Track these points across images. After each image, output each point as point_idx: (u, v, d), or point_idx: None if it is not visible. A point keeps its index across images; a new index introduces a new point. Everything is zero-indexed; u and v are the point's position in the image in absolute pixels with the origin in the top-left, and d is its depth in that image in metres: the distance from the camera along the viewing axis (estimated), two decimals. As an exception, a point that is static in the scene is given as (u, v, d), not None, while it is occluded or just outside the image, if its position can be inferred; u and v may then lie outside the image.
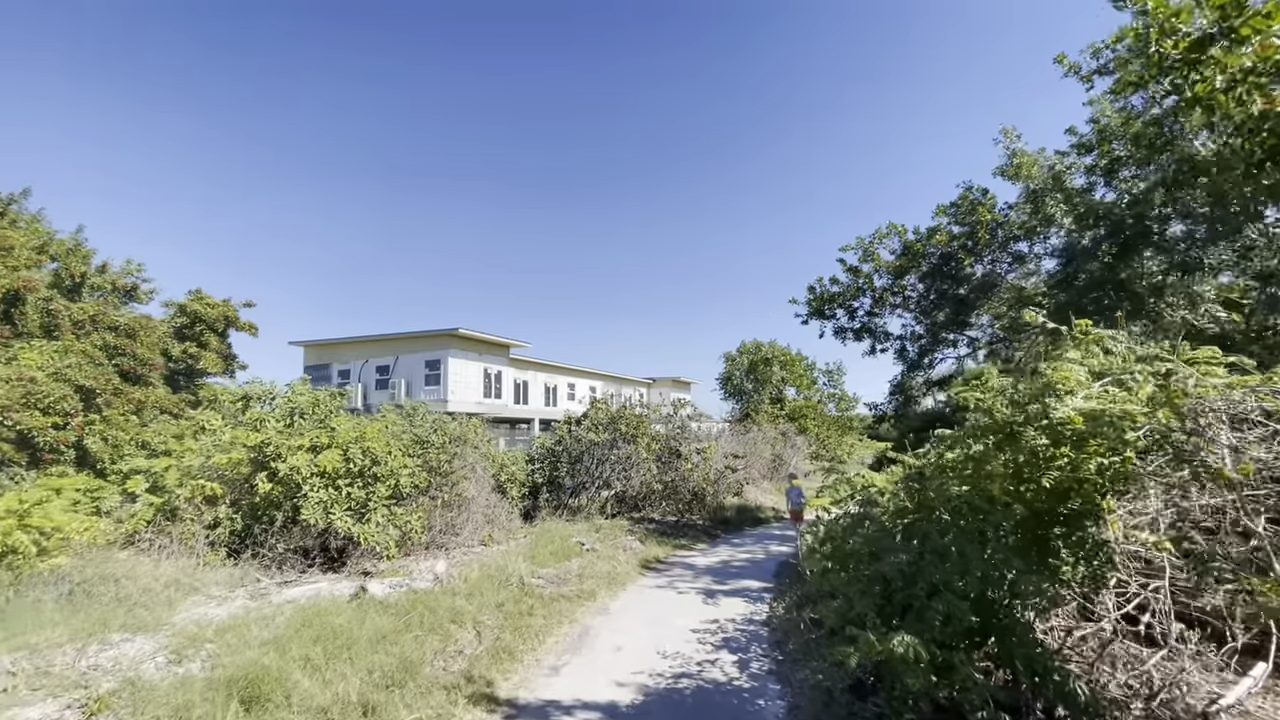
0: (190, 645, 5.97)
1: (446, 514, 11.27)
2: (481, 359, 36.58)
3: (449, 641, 6.77)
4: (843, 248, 14.33)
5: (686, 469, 17.28)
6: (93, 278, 17.17)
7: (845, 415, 39.43)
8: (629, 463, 16.54)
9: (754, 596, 9.32)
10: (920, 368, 14.40)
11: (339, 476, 9.67)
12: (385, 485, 9.91)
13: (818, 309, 14.83)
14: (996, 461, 4.77)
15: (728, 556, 12.99)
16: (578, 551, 11.72)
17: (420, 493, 11.15)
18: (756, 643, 7.08)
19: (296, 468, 9.19)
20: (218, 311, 19.81)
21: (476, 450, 12.95)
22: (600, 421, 16.36)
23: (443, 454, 11.29)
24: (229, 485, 10.10)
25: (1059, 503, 4.47)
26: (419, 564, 10.13)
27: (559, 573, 10.19)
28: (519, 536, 12.87)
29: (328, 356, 37.76)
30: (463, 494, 11.32)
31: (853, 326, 14.78)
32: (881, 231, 13.72)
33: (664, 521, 16.64)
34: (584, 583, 9.80)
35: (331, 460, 9.53)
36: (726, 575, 11.02)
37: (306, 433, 10.11)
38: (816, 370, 40.60)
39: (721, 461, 19.39)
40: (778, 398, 38.66)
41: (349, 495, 9.53)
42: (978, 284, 13.09)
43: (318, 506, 9.12)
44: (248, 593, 8.01)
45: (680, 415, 17.99)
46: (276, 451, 9.70)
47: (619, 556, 11.85)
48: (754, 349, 38.40)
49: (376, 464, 9.89)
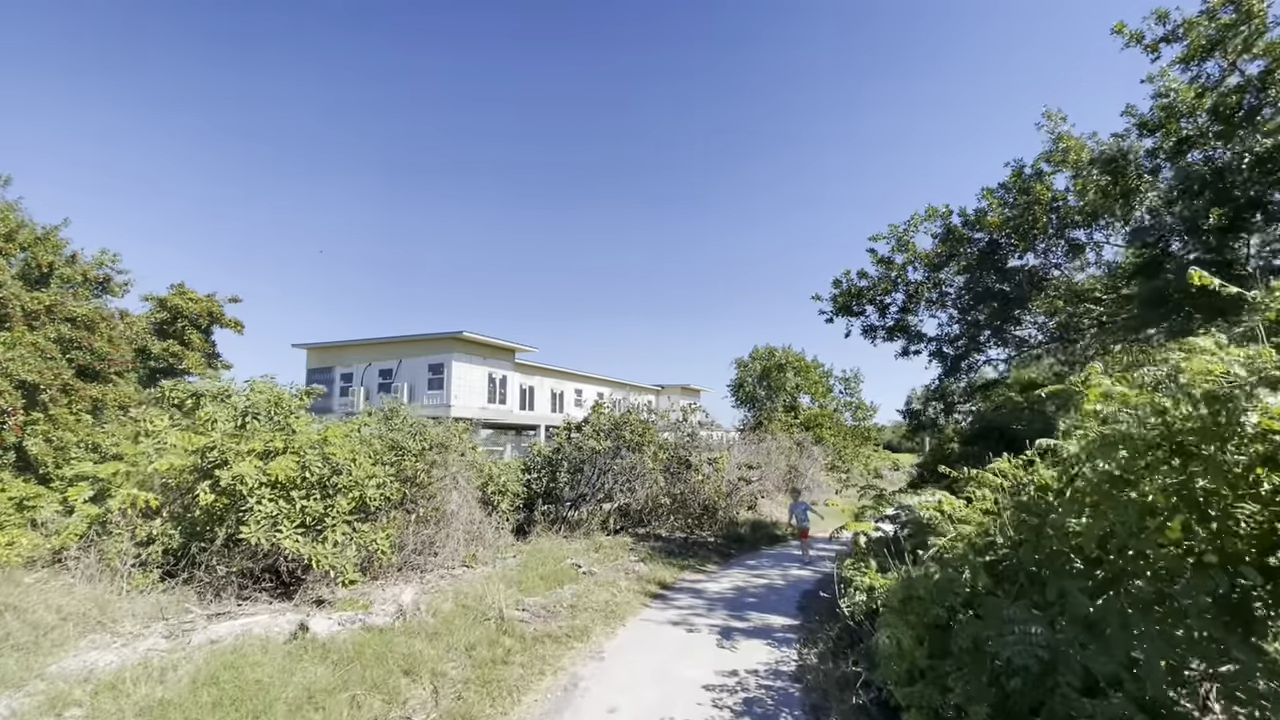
0: (47, 712, 4.58)
1: (422, 531, 9.87)
2: (486, 363, 35.74)
3: (395, 703, 5.33)
4: (873, 237, 12.87)
5: (697, 481, 15.79)
6: (62, 268, 16.01)
7: (863, 424, 37.70)
8: (634, 473, 15.08)
9: (779, 639, 7.80)
10: (960, 371, 12.84)
11: (293, 487, 8.28)
12: (348, 498, 8.52)
13: (844, 305, 13.31)
14: (1153, 486, 3.28)
15: (743, 582, 11.46)
16: (572, 575, 10.26)
17: (393, 506, 9.76)
18: (787, 708, 5.58)
19: (240, 476, 7.82)
20: (201, 306, 18.64)
21: (463, 458, 11.56)
22: (602, 428, 14.92)
23: (420, 462, 9.90)
24: (171, 495, 8.77)
25: (1266, 550, 2.97)
26: (385, 591, 8.72)
27: (548, 603, 8.74)
28: (508, 556, 11.44)
29: (331, 359, 37.11)
30: (441, 508, 9.91)
31: (884, 324, 13.21)
32: (918, 217, 12.21)
33: (671, 539, 15.15)
34: (576, 616, 8.33)
35: (285, 468, 8.16)
36: (743, 606, 9.51)
37: (260, 435, 8.76)
38: (833, 377, 38.95)
39: (735, 472, 17.88)
40: (792, 405, 37.03)
41: (303, 509, 8.15)
42: (1025, 277, 11.56)
43: (263, 522, 7.74)
44: (166, 629, 6.62)
45: (690, 422, 16.52)
46: (222, 457, 8.35)
47: (619, 582, 10.37)
48: (767, 354, 36.83)
49: (338, 473, 8.51)
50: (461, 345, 33.53)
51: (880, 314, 13.22)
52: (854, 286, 13.40)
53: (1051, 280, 11.94)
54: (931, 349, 13.48)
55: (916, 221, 12.13)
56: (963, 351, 12.65)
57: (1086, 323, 11.84)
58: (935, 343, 13.43)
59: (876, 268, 13.02)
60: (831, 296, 13.64)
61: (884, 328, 13.19)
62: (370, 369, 36.05)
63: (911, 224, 12.16)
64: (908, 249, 12.39)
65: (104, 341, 13.17)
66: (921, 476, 11.81)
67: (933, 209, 11.79)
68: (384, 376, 35.58)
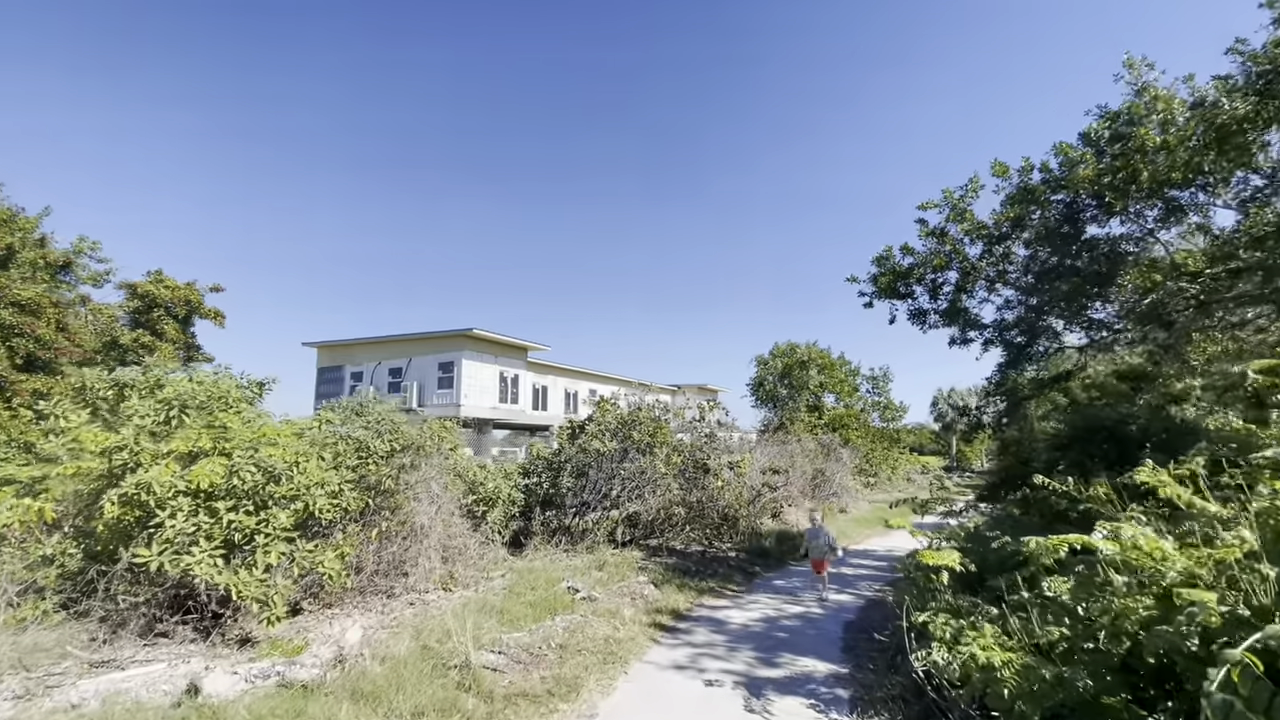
0: None
1: (388, 548, 8.26)
2: (497, 362, 34.78)
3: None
4: (922, 205, 10.94)
5: (716, 487, 14.02)
6: (25, 252, 14.74)
7: (892, 426, 35.52)
8: (644, 478, 13.36)
9: (825, 698, 6.03)
10: (1024, 360, 10.88)
11: (218, 496, 6.73)
12: (288, 511, 6.93)
13: (888, 286, 11.41)
14: None
15: (772, 610, 9.68)
16: (568, 602, 8.59)
17: (353, 519, 8.17)
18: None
19: (145, 484, 6.26)
20: (178, 295, 17.35)
21: (444, 462, 9.95)
22: (608, 427, 13.23)
23: (384, 467, 8.29)
24: (80, 506, 7.28)
25: None
26: (331, 625, 7.11)
27: (533, 641, 7.07)
28: (495, 575, 9.80)
29: (341, 358, 36.60)
30: (406, 521, 8.29)
31: (936, 307, 11.33)
32: (976, 181, 10.33)
33: (687, 552, 13.41)
34: (566, 661, 6.65)
35: (208, 473, 6.60)
36: (775, 645, 7.75)
37: (183, 434, 7.21)
38: (859, 376, 36.83)
39: (758, 478, 16.09)
40: (815, 405, 35.01)
41: (230, 525, 6.58)
42: (1110, 248, 9.65)
43: (175, 540, 6.18)
44: (22, 684, 5.06)
45: (709, 420, 14.76)
46: (134, 460, 6.82)
47: (624, 610, 8.66)
48: (788, 351, 34.85)
49: (275, 480, 6.92)
50: (472, 343, 32.58)
51: (931, 295, 11.35)
52: (898, 266, 11.53)
53: (1136, 252, 9.98)
54: (988, 335, 11.58)
55: (976, 185, 10.25)
56: (1028, 338, 10.75)
57: (1182, 302, 9.88)
58: (994, 328, 11.52)
59: (925, 242, 11.15)
60: (872, 277, 11.76)
61: (936, 311, 11.31)
62: (380, 368, 35.49)
63: (970, 188, 10.26)
64: (965, 218, 10.52)
65: (50, 329, 11.79)
66: (995, 488, 9.93)
67: (1000, 165, 9.85)
68: (393, 375, 35.04)
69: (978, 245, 10.86)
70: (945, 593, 5.20)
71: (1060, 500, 5.91)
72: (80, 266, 16.98)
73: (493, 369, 33.94)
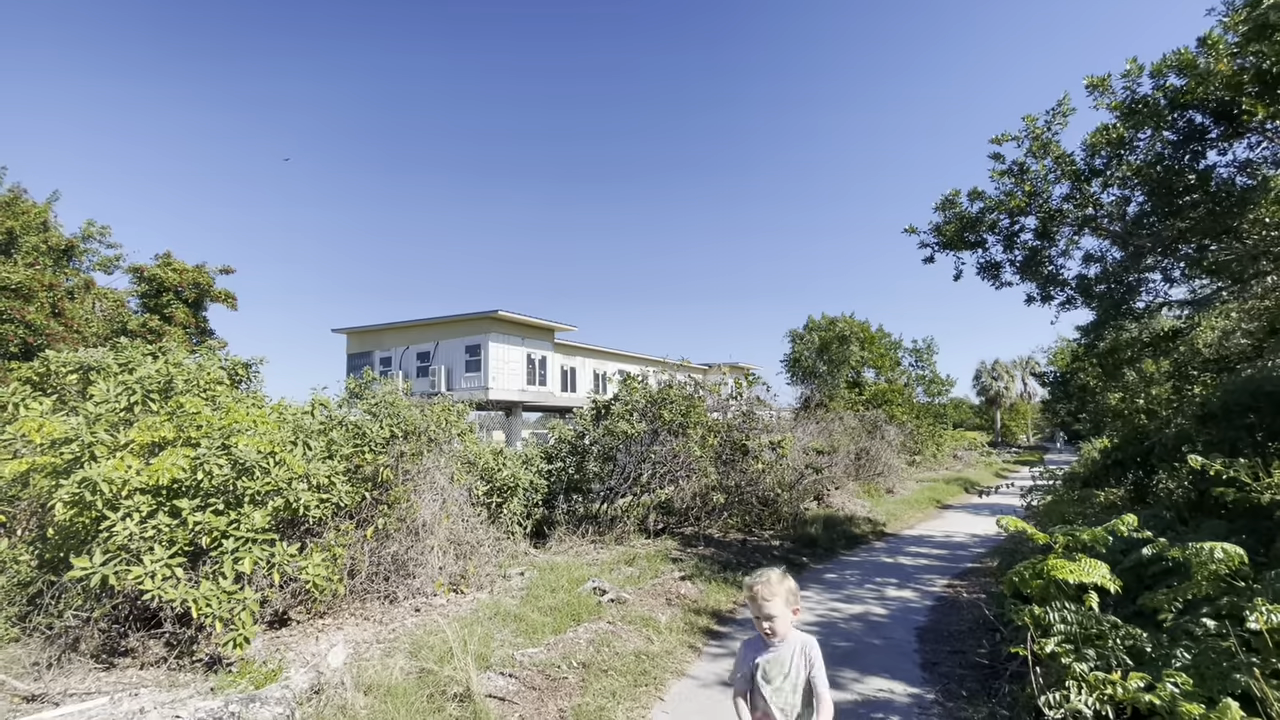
0: None
1: (387, 548, 7.27)
2: (524, 343, 34.48)
3: None
4: (997, 138, 9.21)
5: (756, 470, 12.78)
6: (28, 236, 14.16)
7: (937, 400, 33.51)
8: (676, 462, 12.19)
9: (911, 739, 4.79)
10: (1124, 317, 9.14)
11: (181, 494, 5.78)
12: (263, 510, 5.95)
13: (954, 236, 9.71)
14: None
15: (827, 610, 8.45)
16: (593, 606, 7.49)
17: (347, 515, 7.20)
18: None
19: (92, 482, 5.32)
20: (187, 278, 16.67)
21: (453, 448, 8.93)
22: (636, 406, 12.04)
23: (381, 457, 7.27)
24: (34, 508, 6.45)
25: None
26: (316, 641, 6.15)
27: (551, 658, 5.99)
28: (513, 574, 8.78)
29: (370, 343, 36.87)
30: (407, 517, 7.28)
31: (1012, 259, 9.63)
32: (1066, 103, 8.55)
33: (725, 541, 12.23)
34: (589, 685, 5.55)
35: (172, 467, 5.65)
36: (834, 657, 6.51)
37: (145, 422, 6.27)
38: (901, 349, 34.79)
39: (800, 458, 14.76)
40: (855, 381, 33.23)
41: (196, 526, 5.63)
42: (1236, 173, 7.92)
43: (127, 548, 5.25)
44: (-72, 729, 4.18)
45: (748, 396, 13.46)
46: (88, 452, 5.91)
47: (658, 615, 7.54)
48: (826, 325, 33.01)
49: (248, 474, 5.93)
50: (498, 325, 31.87)
51: (1006, 245, 9.69)
52: (965, 214, 9.90)
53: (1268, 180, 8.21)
54: (1071, 291, 9.90)
55: (1065, 108, 8.51)
56: (1126, 290, 9.06)
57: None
58: (1077, 283, 9.84)
59: (999, 183, 9.48)
60: (934, 226, 10.11)
61: (1013, 262, 9.66)
62: (408, 352, 35.65)
63: (1059, 111, 8.51)
64: (1049, 151, 8.84)
65: (42, 314, 11.10)
66: (1105, 469, 8.36)
67: (1095, 79, 8.06)
68: (421, 360, 35.25)
69: (1063, 184, 9.19)
70: (1087, 615, 3.86)
71: (1226, 489, 4.47)
72: (90, 252, 16.45)
73: (520, 351, 33.71)
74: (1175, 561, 4.39)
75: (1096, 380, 10.87)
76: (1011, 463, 40.52)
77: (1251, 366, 8.28)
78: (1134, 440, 7.88)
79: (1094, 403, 12.47)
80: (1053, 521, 6.78)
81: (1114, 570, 4.39)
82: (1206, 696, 2.88)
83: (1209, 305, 9.56)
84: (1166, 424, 7.79)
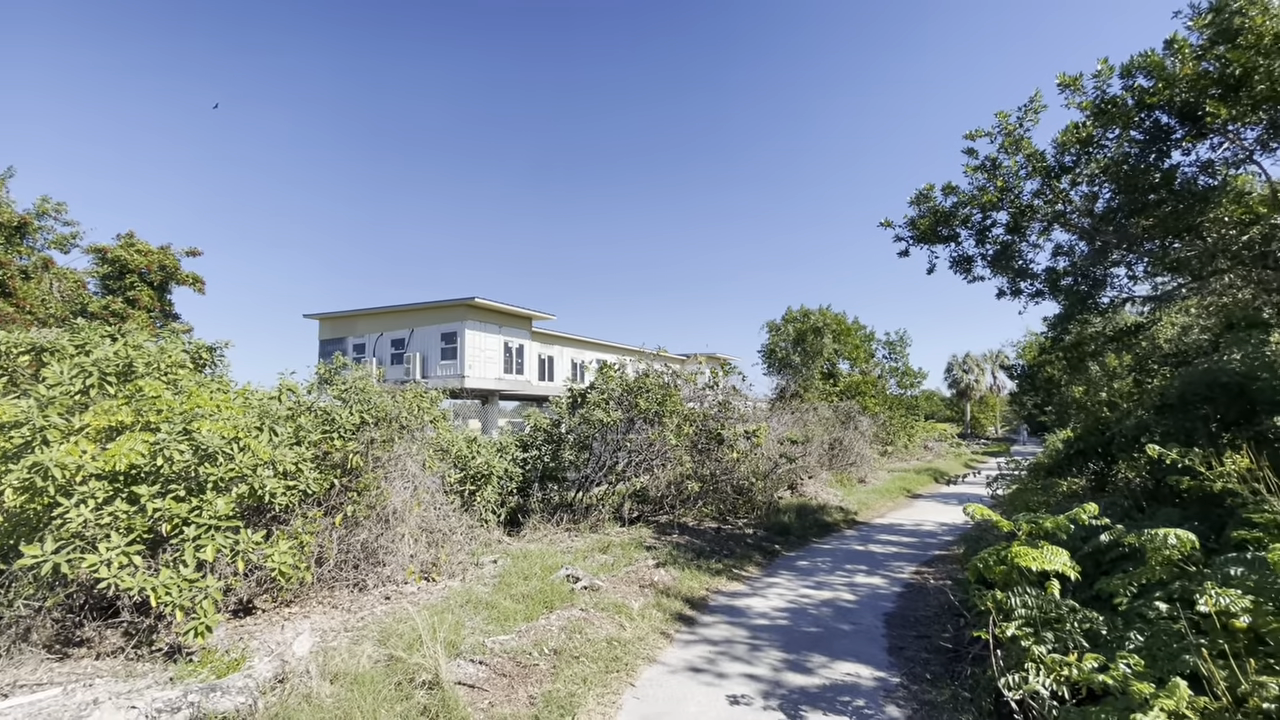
0: None
1: (355, 536, 7.16)
2: (501, 331, 34.08)
3: None
4: (971, 134, 9.33)
5: (731, 459, 12.87)
6: (-23, 214, 13.50)
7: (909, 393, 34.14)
8: (652, 450, 12.23)
9: (872, 716, 4.89)
10: (1089, 312, 9.41)
11: (140, 480, 5.61)
12: (227, 497, 5.80)
13: (928, 230, 9.89)
14: None
15: (797, 596, 8.58)
16: (566, 593, 7.49)
17: (315, 502, 7.07)
18: None
19: (43, 467, 5.13)
20: (151, 260, 16.12)
21: (425, 435, 8.81)
22: (612, 394, 12.03)
23: (351, 443, 7.14)
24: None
25: None
26: (282, 630, 6.04)
27: (523, 645, 5.97)
28: (486, 561, 8.73)
29: (344, 330, 36.05)
30: (376, 505, 7.17)
31: (983, 253, 9.85)
32: (1038, 100, 8.73)
33: (700, 529, 12.32)
34: (560, 672, 5.55)
35: (129, 452, 5.46)
36: (805, 643, 6.63)
37: (102, 406, 6.05)
38: (875, 341, 35.31)
39: (775, 448, 14.92)
40: (830, 372, 33.64)
41: (156, 514, 5.46)
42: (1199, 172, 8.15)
43: (81, 535, 5.08)
44: None
45: (724, 386, 13.53)
46: (41, 437, 5.68)
47: (631, 602, 7.58)
48: (802, 316, 33.35)
49: (210, 460, 5.77)
50: (474, 312, 31.92)
51: (978, 239, 9.87)
52: (939, 207, 10.05)
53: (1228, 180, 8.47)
54: (1040, 285, 10.13)
55: (1037, 105, 8.67)
56: (1090, 286, 9.30)
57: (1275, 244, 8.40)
58: (1046, 278, 10.07)
59: (972, 178, 9.64)
60: (909, 220, 10.26)
61: (984, 257, 9.85)
62: (382, 339, 34.93)
63: (1030, 108, 8.68)
64: (1021, 147, 8.99)
65: (-7, 294, 10.63)
66: (1068, 459, 8.61)
67: (1067, 78, 8.23)
68: (396, 347, 34.57)
69: (1034, 180, 9.36)
70: (1047, 600, 3.96)
71: (1181, 477, 4.62)
72: (45, 229, 15.79)
73: (497, 339, 33.32)
74: (1131, 547, 4.54)
75: (1062, 373, 11.21)
76: (980, 454, 41.53)
77: (1208, 361, 8.61)
78: (1096, 431, 8.16)
79: (1059, 395, 12.89)
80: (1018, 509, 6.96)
81: (1074, 556, 4.51)
82: (1157, 676, 3.00)
83: (1170, 301, 9.87)
84: (1127, 415, 8.07)
